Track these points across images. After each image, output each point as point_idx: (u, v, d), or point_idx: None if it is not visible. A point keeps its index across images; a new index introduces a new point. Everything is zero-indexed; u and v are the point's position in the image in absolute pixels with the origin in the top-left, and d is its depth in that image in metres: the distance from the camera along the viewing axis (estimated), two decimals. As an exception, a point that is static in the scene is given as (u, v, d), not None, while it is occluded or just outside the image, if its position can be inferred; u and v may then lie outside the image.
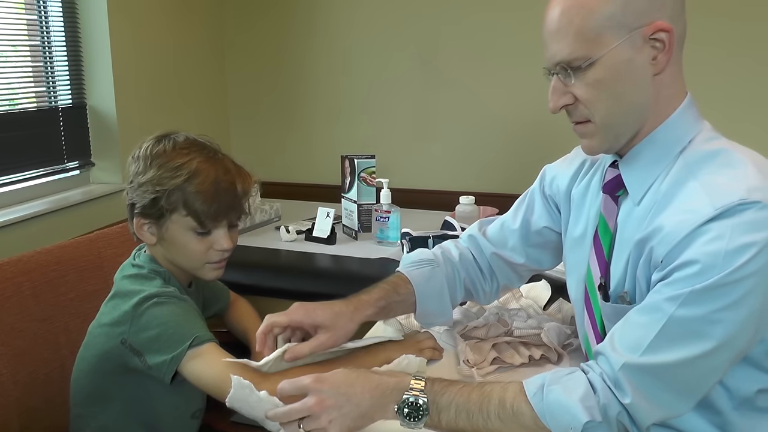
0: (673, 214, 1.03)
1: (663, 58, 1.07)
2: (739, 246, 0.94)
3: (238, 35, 3.23)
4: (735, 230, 0.95)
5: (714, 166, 1.05)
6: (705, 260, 0.95)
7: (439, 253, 1.49)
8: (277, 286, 2.06)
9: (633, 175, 1.14)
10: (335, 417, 1.06)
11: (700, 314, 0.96)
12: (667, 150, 1.11)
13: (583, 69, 1.08)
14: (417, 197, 2.88)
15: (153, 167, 1.33)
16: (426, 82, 2.98)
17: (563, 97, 1.13)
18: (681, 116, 1.11)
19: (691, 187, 1.04)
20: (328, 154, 2.97)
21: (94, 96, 2.58)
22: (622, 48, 1.06)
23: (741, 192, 0.97)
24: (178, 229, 1.35)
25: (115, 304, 1.34)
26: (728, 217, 0.96)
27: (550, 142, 2.80)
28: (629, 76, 1.08)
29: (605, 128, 1.12)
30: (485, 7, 2.83)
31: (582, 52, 1.07)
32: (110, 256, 1.73)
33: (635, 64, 1.07)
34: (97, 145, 2.62)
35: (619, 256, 1.15)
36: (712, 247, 0.95)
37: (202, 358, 1.25)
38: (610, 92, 1.09)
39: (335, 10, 3.04)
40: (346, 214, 2.49)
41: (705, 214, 0.97)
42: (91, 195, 2.49)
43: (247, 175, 1.43)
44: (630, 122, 1.11)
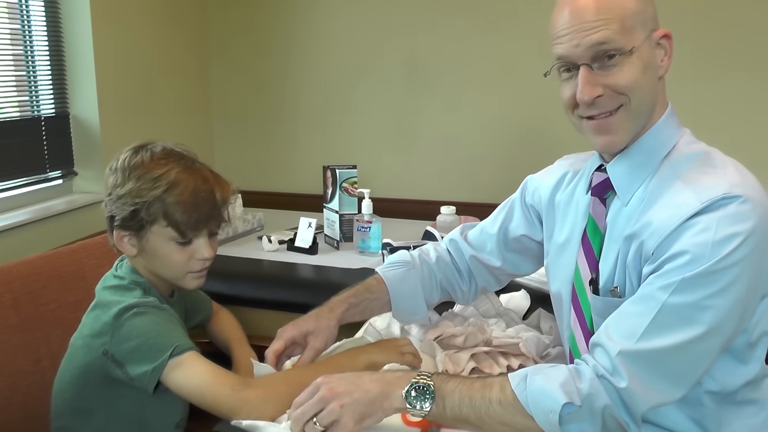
0: (661, 209, 1.10)
1: (667, 62, 1.17)
2: (725, 236, 1.01)
3: (222, 45, 3.23)
4: (721, 222, 1.02)
5: (697, 165, 1.13)
6: (694, 250, 1.02)
7: (416, 255, 1.57)
8: (259, 296, 2.06)
9: (621, 177, 1.19)
10: (347, 402, 1.08)
11: (691, 301, 1.02)
12: (654, 154, 1.17)
13: (625, 55, 1.12)
14: (398, 207, 2.90)
15: (131, 179, 1.33)
16: (408, 93, 2.99)
17: (596, 87, 1.14)
18: (666, 123, 1.19)
19: (677, 186, 1.11)
20: (311, 164, 2.98)
21: (77, 105, 2.58)
22: (647, 44, 1.14)
23: (724, 187, 1.05)
24: (159, 239, 1.36)
25: (96, 315, 1.35)
26: (713, 210, 1.03)
27: (532, 152, 2.83)
28: (651, 72, 1.15)
29: (636, 115, 1.16)
30: (467, 17, 2.85)
31: (622, 40, 1.12)
32: (92, 267, 1.73)
33: (654, 62, 1.16)
34: (80, 154, 2.61)
35: (608, 253, 1.21)
36: (700, 238, 1.02)
37: (183, 367, 1.26)
38: (643, 82, 1.14)
39: (318, 20, 3.06)
40: (328, 224, 2.50)
41: (692, 207, 1.05)
42: (74, 205, 2.49)
43: (225, 183, 1.43)
44: (646, 117, 1.17)
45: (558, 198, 1.38)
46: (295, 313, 1.99)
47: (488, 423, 1.08)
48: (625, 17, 1.12)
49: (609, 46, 1.12)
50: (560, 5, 1.17)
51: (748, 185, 1.07)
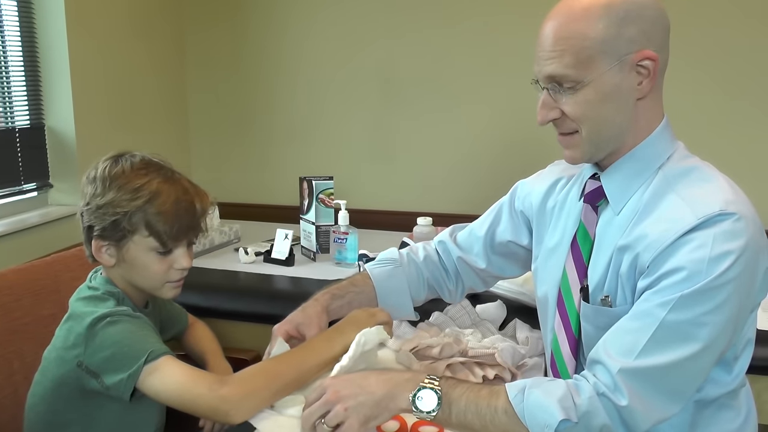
0: (656, 223, 1.12)
1: (647, 84, 1.15)
2: (721, 253, 1.03)
3: (199, 57, 3.23)
4: (716, 239, 1.04)
5: (690, 180, 1.14)
6: (691, 267, 1.04)
7: (404, 254, 1.61)
8: (236, 308, 2.06)
9: (614, 186, 1.22)
10: (351, 405, 1.12)
11: (689, 317, 1.04)
12: (647, 165, 1.19)
13: (574, 89, 1.14)
14: (375, 218, 2.90)
15: (112, 189, 1.33)
16: (384, 104, 3.01)
17: (552, 111, 1.19)
18: (659, 136, 1.20)
19: (671, 200, 1.13)
20: (287, 176, 2.98)
21: (52, 116, 2.56)
22: (611, 73, 1.13)
23: (719, 204, 1.06)
24: (139, 249, 1.36)
25: (68, 327, 1.34)
26: (709, 226, 1.05)
27: (508, 163, 2.85)
28: (615, 99, 1.15)
29: (589, 142, 1.18)
30: (442, 29, 2.87)
31: (574, 73, 1.13)
32: (68, 280, 1.71)
33: (622, 88, 1.14)
34: (56, 166, 2.60)
35: (597, 260, 1.22)
36: (696, 254, 1.04)
37: (159, 372, 1.26)
38: (596, 112, 1.15)
39: (295, 32, 3.07)
40: (305, 236, 2.51)
41: (688, 222, 1.06)
42: (49, 217, 2.47)
43: (204, 193, 1.44)
44: (612, 139, 1.18)
45: (550, 203, 1.40)
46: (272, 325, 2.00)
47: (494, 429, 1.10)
48: (582, 48, 1.12)
49: (559, 79, 1.15)
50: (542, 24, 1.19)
51: (740, 202, 1.09)
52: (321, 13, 3.02)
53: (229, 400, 1.22)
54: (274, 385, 1.25)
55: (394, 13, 2.92)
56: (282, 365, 1.29)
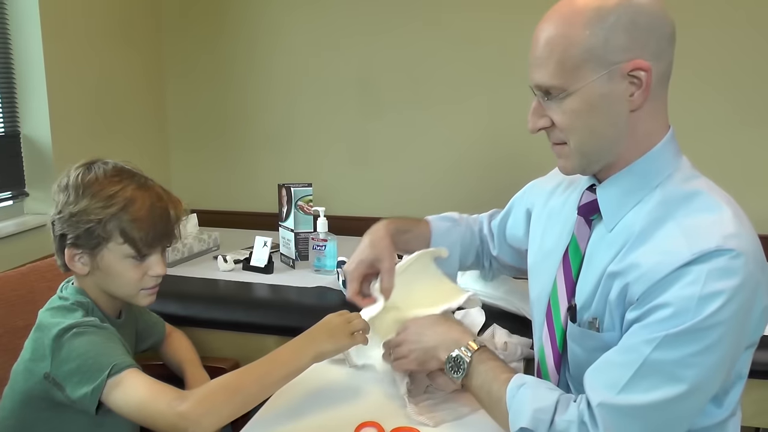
0: (651, 253, 1.06)
1: (640, 95, 1.08)
2: (712, 292, 0.98)
3: (177, 65, 3.22)
4: (709, 276, 0.98)
5: (692, 208, 1.07)
6: (679, 304, 0.99)
7: (465, 217, 1.69)
8: (215, 317, 2.05)
9: (609, 202, 1.16)
10: (411, 348, 1.32)
11: (675, 358, 1.00)
12: (645, 182, 1.13)
13: (560, 98, 1.10)
14: (354, 225, 2.88)
15: (85, 197, 1.32)
16: (362, 111, 3.01)
17: (541, 119, 1.15)
18: (661, 151, 1.13)
19: (669, 228, 1.06)
20: (266, 183, 2.98)
21: (28, 124, 2.54)
22: (599, 82, 1.07)
23: (717, 239, 1.00)
24: (114, 257, 1.35)
25: (36, 338, 1.32)
26: (703, 261, 0.99)
27: (488, 169, 2.87)
28: (604, 110, 1.09)
29: (578, 154, 1.14)
30: (422, 35, 2.88)
31: (560, 82, 1.09)
32: (43, 290, 1.69)
33: (611, 99, 1.08)
34: (32, 174, 2.57)
35: (586, 278, 1.19)
36: (686, 291, 0.99)
37: (122, 386, 1.23)
38: (584, 123, 1.11)
39: (272, 37, 3.06)
40: (284, 243, 2.50)
41: (682, 257, 1.00)
42: (25, 226, 2.44)
43: (177, 200, 1.44)
44: (604, 152, 1.14)
45: (551, 203, 1.39)
46: (251, 333, 2.00)
47: (495, 413, 1.19)
48: (568, 57, 1.07)
49: (546, 87, 1.11)
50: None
51: (742, 236, 1.02)
52: (299, 20, 3.02)
53: (188, 417, 1.19)
54: (236, 400, 1.23)
55: (372, 19, 2.93)
56: (245, 379, 1.26)
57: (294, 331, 1.92)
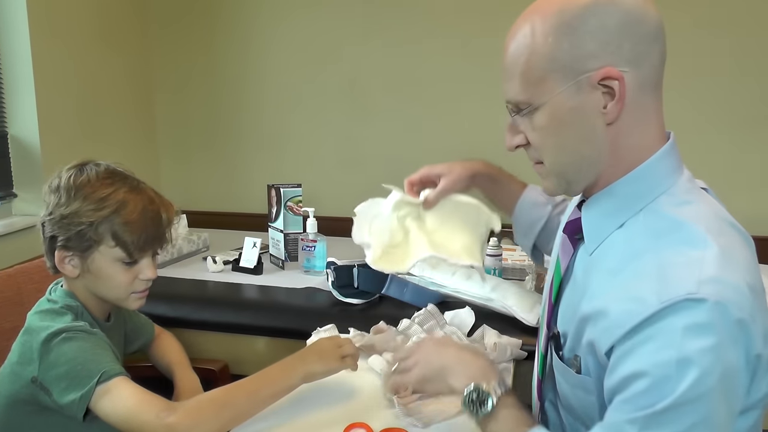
0: (619, 298, 0.93)
1: (614, 107, 0.95)
2: (690, 355, 0.83)
3: (166, 66, 3.21)
4: (685, 334, 0.84)
5: (674, 240, 0.93)
6: (657, 373, 0.85)
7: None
8: (204, 318, 2.04)
9: (589, 222, 1.05)
10: (419, 361, 1.20)
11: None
12: (627, 204, 1.00)
13: (528, 113, 1.01)
14: (343, 226, 2.88)
15: (77, 199, 1.31)
16: (351, 111, 3.02)
17: (516, 136, 1.06)
18: (648, 169, 1.00)
19: (645, 263, 0.93)
20: (256, 184, 2.97)
21: (15, 125, 2.53)
22: (566, 94, 0.96)
23: (690, 284, 0.86)
24: (105, 260, 1.34)
25: (23, 341, 1.32)
26: (673, 314, 0.85)
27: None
28: (576, 125, 0.98)
29: (555, 174, 1.04)
30: (412, 39, 2.89)
31: (525, 96, 1.00)
32: (31, 292, 1.69)
33: (582, 112, 0.97)
34: (20, 175, 2.56)
35: (567, 304, 1.09)
36: (661, 356, 0.85)
37: (110, 394, 1.23)
38: (555, 140, 1.01)
39: (262, 39, 3.06)
40: (273, 244, 2.50)
41: (650, 306, 0.87)
42: (13, 227, 2.43)
43: (169, 204, 1.43)
44: (582, 171, 1.02)
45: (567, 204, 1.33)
46: (240, 334, 2.00)
47: None
48: (531, 68, 0.98)
49: (515, 102, 1.03)
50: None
51: (722, 281, 0.87)
52: (289, 23, 3.02)
53: (176, 429, 1.19)
54: (225, 415, 1.23)
55: (362, 22, 2.93)
56: (235, 395, 1.26)
57: (283, 333, 1.95)
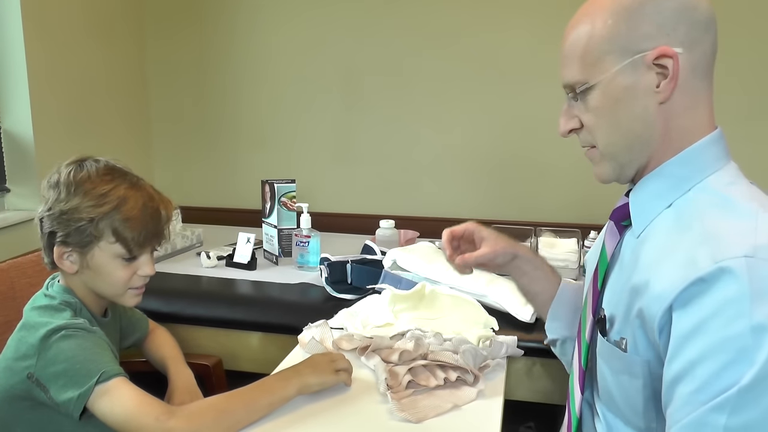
0: (668, 266, 0.93)
1: (667, 85, 0.99)
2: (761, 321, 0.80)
3: (160, 61, 3.21)
4: (754, 298, 0.81)
5: (722, 213, 0.93)
6: (731, 346, 0.81)
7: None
8: (197, 313, 2.04)
9: (637, 205, 1.07)
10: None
11: (759, 415, 0.80)
12: (675, 185, 1.02)
13: (583, 93, 1.05)
14: (338, 221, 2.91)
15: (77, 195, 1.31)
16: (345, 108, 3.02)
17: (570, 120, 1.10)
18: (698, 152, 1.02)
19: (695, 233, 0.93)
20: (250, 179, 2.98)
21: (9, 119, 2.52)
22: (622, 73, 1.01)
23: (746, 248, 0.85)
24: (105, 256, 1.34)
25: (21, 336, 1.31)
26: (733, 279, 0.83)
27: (471, 166, 2.88)
28: (629, 103, 1.02)
29: (608, 156, 1.07)
30: (406, 33, 2.89)
31: (582, 76, 1.04)
32: (24, 286, 1.69)
33: (637, 91, 1.01)
34: (13, 170, 2.56)
35: (614, 288, 1.09)
36: (734, 328, 0.82)
37: (109, 395, 1.23)
38: (609, 119, 1.04)
39: (256, 35, 3.06)
40: (267, 239, 2.50)
41: (703, 267, 0.86)
42: (6, 222, 2.43)
43: (168, 200, 1.44)
44: (635, 152, 1.05)
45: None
46: (234, 329, 2.00)
47: None
48: (590, 49, 1.02)
49: (572, 84, 1.06)
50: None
51: None
52: (282, 18, 3.02)
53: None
54: (224, 422, 1.23)
55: (356, 17, 2.94)
56: (233, 402, 1.26)
57: (277, 328, 1.95)
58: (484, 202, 2.88)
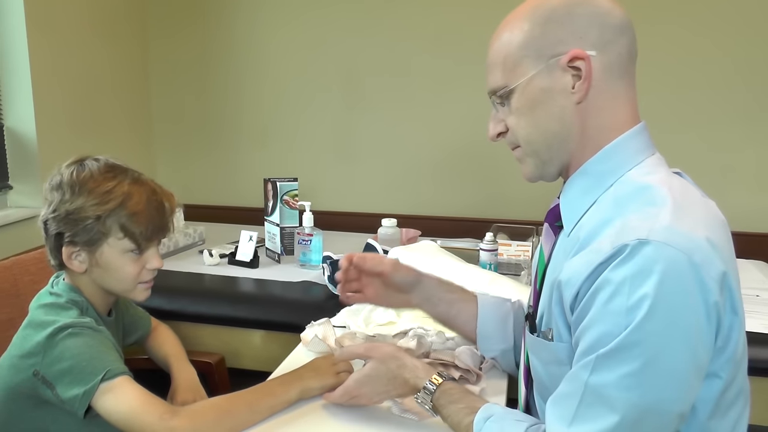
0: (583, 255, 0.99)
1: (581, 86, 1.04)
2: (638, 299, 0.89)
3: (162, 59, 3.21)
4: (633, 280, 0.90)
5: (639, 203, 0.98)
6: (608, 319, 0.91)
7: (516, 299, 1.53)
8: (200, 311, 2.05)
9: (566, 205, 1.11)
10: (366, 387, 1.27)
11: (613, 380, 0.91)
12: (598, 182, 1.06)
13: (506, 97, 1.10)
14: (340, 220, 2.91)
15: (81, 194, 1.32)
16: (348, 106, 3.02)
17: (498, 125, 1.14)
18: (618, 147, 1.06)
19: (612, 227, 0.98)
20: (252, 178, 2.97)
21: (11, 117, 2.52)
22: (539, 76, 1.06)
23: (642, 232, 0.92)
24: (113, 252, 1.35)
25: (26, 334, 1.31)
26: (625, 261, 0.91)
27: (473, 164, 2.87)
28: (547, 104, 1.07)
29: (530, 154, 1.12)
30: (407, 32, 2.89)
31: (503, 81, 1.09)
32: (27, 283, 1.69)
33: (553, 92, 1.06)
34: (15, 167, 2.56)
35: (546, 287, 1.13)
36: (613, 305, 0.91)
37: (113, 393, 1.24)
38: (529, 120, 1.09)
39: (258, 34, 3.06)
40: (269, 237, 2.50)
41: (603, 252, 0.94)
42: (8, 219, 2.43)
43: (170, 194, 1.45)
44: (554, 150, 1.10)
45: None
46: (236, 327, 2.01)
47: None
48: (509, 54, 1.07)
49: (495, 90, 1.11)
50: None
51: (675, 230, 0.92)
52: (285, 17, 3.02)
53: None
54: (226, 423, 1.23)
55: (357, 16, 2.94)
56: (236, 404, 1.26)
57: (279, 326, 1.95)
58: (485, 202, 2.88)
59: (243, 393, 1.29)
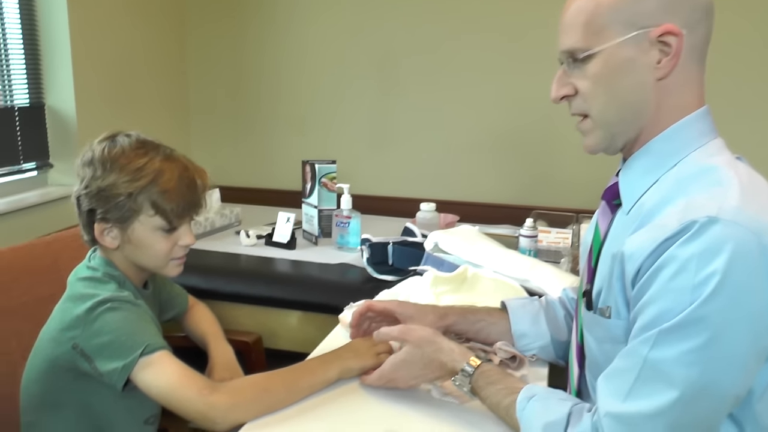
0: (646, 231, 0.98)
1: (668, 63, 1.02)
2: (705, 277, 0.88)
3: (201, 39, 3.21)
4: (701, 258, 0.88)
5: (703, 183, 0.98)
6: (670, 296, 0.91)
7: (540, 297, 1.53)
8: (236, 290, 2.04)
9: (627, 183, 1.10)
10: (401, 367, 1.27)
11: (673, 356, 0.90)
12: (661, 161, 1.06)
13: (584, 60, 1.06)
14: (378, 204, 2.89)
15: (113, 171, 1.31)
16: (386, 90, 2.99)
17: (564, 87, 1.11)
18: (683, 128, 1.06)
19: (675, 205, 0.97)
20: (289, 160, 2.97)
21: (52, 96, 2.54)
22: (625, 45, 1.03)
23: (713, 209, 0.91)
24: (145, 229, 1.35)
25: (66, 307, 1.32)
26: (692, 238, 0.90)
27: (512, 148, 2.84)
28: (628, 74, 1.04)
29: (601, 125, 1.09)
30: (444, 16, 2.85)
31: (584, 43, 1.05)
32: (67, 260, 1.69)
33: (637, 64, 1.03)
34: (56, 146, 2.58)
35: (603, 264, 1.11)
36: (678, 281, 0.90)
37: (153, 367, 1.24)
38: (606, 88, 1.06)
39: (296, 16, 3.04)
40: (307, 219, 2.49)
41: (669, 229, 0.93)
42: (49, 197, 2.45)
43: (202, 170, 1.44)
44: (626, 123, 1.08)
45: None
46: (273, 308, 2.00)
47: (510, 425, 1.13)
48: (595, 17, 1.03)
49: (572, 51, 1.07)
50: None
51: (744, 210, 0.91)
52: (322, 4, 3.01)
53: (218, 408, 1.19)
54: (264, 400, 1.22)
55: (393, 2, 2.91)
56: (275, 382, 1.25)
57: (316, 307, 1.94)
58: (524, 188, 2.83)
59: (282, 371, 1.28)
